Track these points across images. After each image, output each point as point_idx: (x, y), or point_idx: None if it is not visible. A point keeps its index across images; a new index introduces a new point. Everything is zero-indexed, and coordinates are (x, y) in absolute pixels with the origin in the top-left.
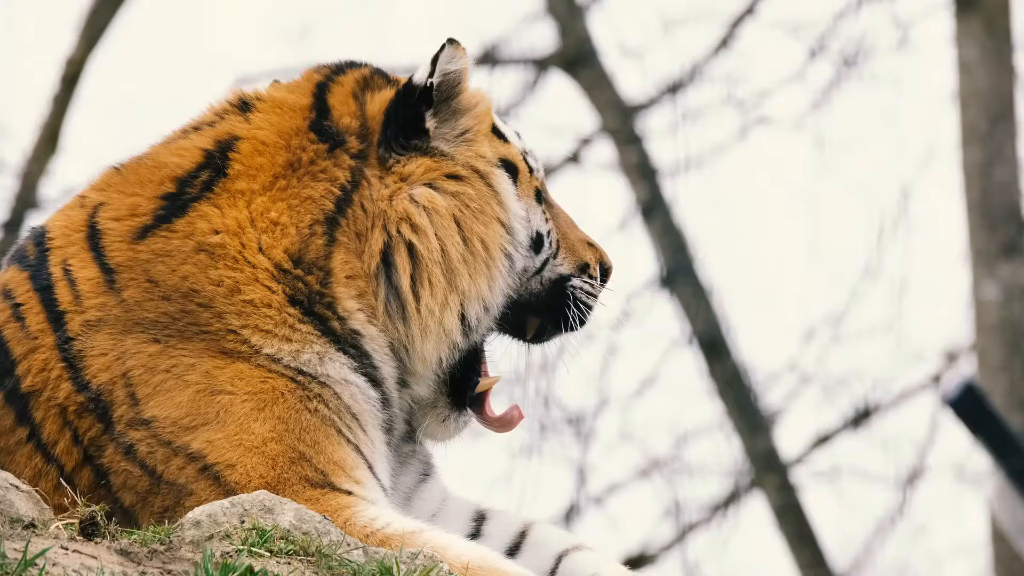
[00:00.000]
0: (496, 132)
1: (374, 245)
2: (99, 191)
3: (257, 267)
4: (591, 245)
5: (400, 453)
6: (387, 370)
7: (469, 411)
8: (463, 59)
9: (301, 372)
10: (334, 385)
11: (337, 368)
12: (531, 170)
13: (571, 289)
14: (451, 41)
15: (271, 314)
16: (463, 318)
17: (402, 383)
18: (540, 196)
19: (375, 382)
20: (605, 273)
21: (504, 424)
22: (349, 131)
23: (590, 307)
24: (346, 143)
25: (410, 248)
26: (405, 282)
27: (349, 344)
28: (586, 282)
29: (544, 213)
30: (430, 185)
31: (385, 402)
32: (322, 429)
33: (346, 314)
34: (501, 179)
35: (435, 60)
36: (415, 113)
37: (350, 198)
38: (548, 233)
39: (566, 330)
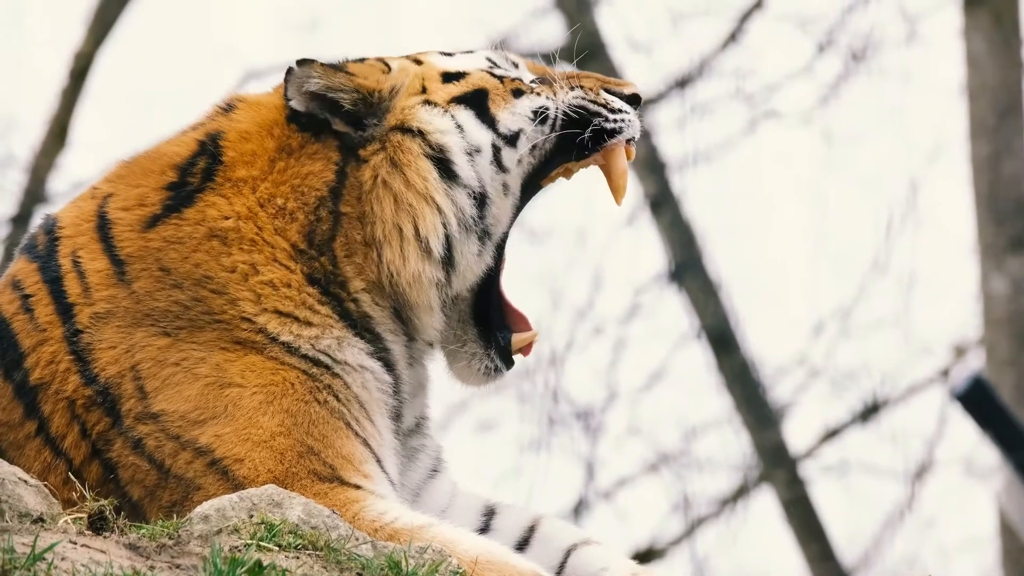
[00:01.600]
0: (448, 78)
1: (375, 223)
2: (109, 183)
3: (275, 247)
4: (585, 79)
5: (408, 448)
6: (398, 350)
7: (497, 358)
8: (318, 77)
9: (317, 362)
10: (348, 373)
11: (355, 354)
12: (502, 79)
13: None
14: (301, 63)
15: (291, 295)
16: (429, 254)
17: (411, 338)
18: (519, 92)
19: (389, 365)
20: (613, 93)
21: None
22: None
23: (601, 116)
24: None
25: (380, 224)
26: (387, 254)
27: (364, 328)
28: (590, 101)
29: (530, 92)
30: (366, 162)
31: (396, 388)
32: (331, 422)
33: (357, 294)
34: (459, 114)
35: (284, 92)
36: (323, 121)
37: (345, 173)
38: (548, 99)
39: (594, 145)
